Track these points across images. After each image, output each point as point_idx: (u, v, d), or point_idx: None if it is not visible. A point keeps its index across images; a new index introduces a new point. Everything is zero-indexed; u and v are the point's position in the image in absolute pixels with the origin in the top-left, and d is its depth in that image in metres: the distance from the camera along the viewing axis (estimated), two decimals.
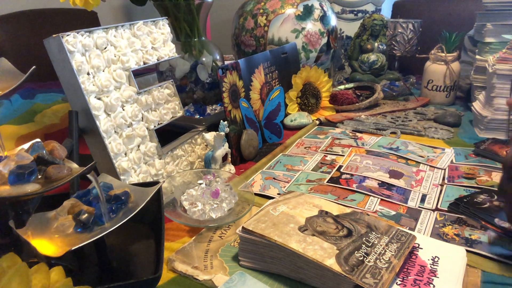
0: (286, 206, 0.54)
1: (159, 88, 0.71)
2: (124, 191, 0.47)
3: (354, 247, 0.47)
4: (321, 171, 0.75)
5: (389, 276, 0.43)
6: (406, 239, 0.49)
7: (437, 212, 0.61)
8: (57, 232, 0.43)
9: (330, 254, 0.45)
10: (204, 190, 0.62)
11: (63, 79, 0.58)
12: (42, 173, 0.41)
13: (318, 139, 0.91)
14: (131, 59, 0.65)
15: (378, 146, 0.85)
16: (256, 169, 0.77)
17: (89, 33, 0.59)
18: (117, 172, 0.61)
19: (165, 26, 0.74)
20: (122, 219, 0.43)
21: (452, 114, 0.99)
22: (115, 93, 0.62)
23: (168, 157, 0.71)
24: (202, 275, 0.48)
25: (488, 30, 1.02)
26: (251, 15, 1.13)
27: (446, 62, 1.09)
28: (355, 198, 0.65)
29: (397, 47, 1.36)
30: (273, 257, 0.48)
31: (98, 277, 0.48)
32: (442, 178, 0.71)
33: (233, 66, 0.83)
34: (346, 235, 0.49)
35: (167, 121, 0.71)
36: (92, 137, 0.61)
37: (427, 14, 1.61)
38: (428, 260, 0.47)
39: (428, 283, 0.43)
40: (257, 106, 0.91)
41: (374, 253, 0.46)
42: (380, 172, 0.73)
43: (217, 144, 0.72)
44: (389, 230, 0.50)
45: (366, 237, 0.49)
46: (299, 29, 1.10)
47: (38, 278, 0.38)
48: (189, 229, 0.59)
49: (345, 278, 0.42)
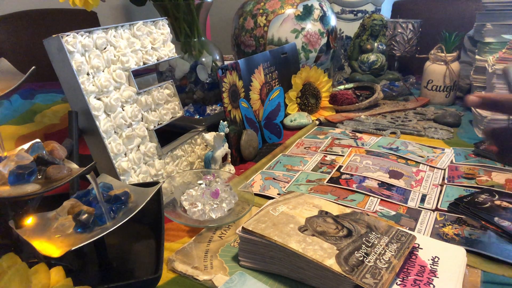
0: (286, 206, 0.54)
1: (159, 88, 0.71)
2: (124, 191, 0.47)
3: (354, 247, 0.47)
4: (321, 171, 0.75)
5: (389, 276, 0.43)
6: (406, 239, 0.49)
7: (437, 212, 0.61)
8: (57, 232, 0.43)
9: (330, 254, 0.45)
10: (204, 191, 0.62)
11: (62, 80, 0.58)
12: (42, 173, 0.41)
13: (318, 139, 0.91)
14: (131, 59, 0.65)
15: (378, 146, 0.85)
16: (256, 169, 0.77)
17: (89, 33, 0.59)
18: (117, 172, 0.61)
19: (164, 26, 0.74)
20: (122, 219, 0.43)
21: (452, 114, 0.99)
22: (114, 94, 0.62)
23: (168, 158, 0.71)
24: (202, 275, 0.48)
25: (488, 30, 1.02)
26: (250, 15, 1.13)
27: (445, 62, 1.09)
28: (355, 198, 0.65)
29: (397, 47, 1.36)
30: (273, 257, 0.48)
31: (98, 277, 0.48)
32: (442, 178, 0.71)
33: (233, 66, 0.83)
34: (346, 235, 0.49)
35: (167, 122, 0.71)
36: (92, 137, 0.61)
37: (427, 14, 1.61)
38: (428, 260, 0.47)
39: (428, 283, 0.43)
40: (257, 106, 0.91)
41: (374, 253, 0.46)
42: (380, 172, 0.73)
43: (217, 145, 0.72)
44: (389, 230, 0.50)
45: (366, 237, 0.49)
46: (299, 29, 1.10)
47: (38, 278, 0.38)
48: (189, 229, 0.59)
49: (345, 278, 0.42)
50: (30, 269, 0.38)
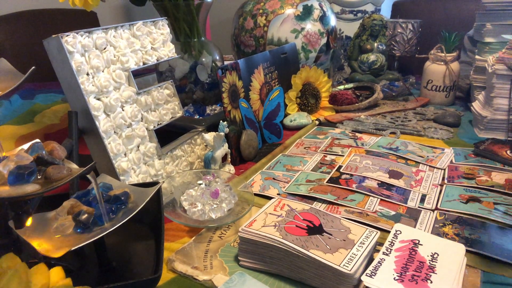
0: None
1: (159, 88, 0.71)
2: (123, 191, 0.47)
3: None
4: (321, 171, 0.75)
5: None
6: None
7: (437, 211, 0.61)
8: (56, 233, 0.43)
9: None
10: (204, 191, 0.62)
11: (62, 80, 0.58)
12: (42, 173, 0.41)
13: (317, 139, 0.91)
14: (131, 60, 0.65)
15: (377, 146, 0.85)
16: (256, 169, 0.77)
17: (89, 34, 0.59)
18: (117, 172, 0.61)
19: (164, 26, 0.74)
20: (122, 220, 0.43)
21: (452, 114, 0.99)
22: (114, 94, 0.62)
23: (167, 158, 0.71)
24: (202, 275, 0.48)
25: (488, 30, 1.02)
26: (250, 15, 1.13)
27: (445, 62, 1.09)
28: (355, 198, 0.65)
29: (397, 47, 1.36)
30: (273, 257, 0.48)
31: (98, 277, 0.48)
32: (441, 178, 0.71)
33: (233, 66, 0.83)
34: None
35: (167, 122, 0.71)
36: (92, 137, 0.61)
37: (427, 14, 1.61)
38: (428, 256, 0.47)
39: (426, 279, 0.43)
40: (257, 106, 0.91)
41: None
42: (379, 172, 0.73)
43: (217, 145, 0.72)
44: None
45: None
46: (299, 29, 1.10)
47: (38, 278, 0.38)
48: (189, 230, 0.59)
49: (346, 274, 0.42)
50: (30, 269, 0.38)
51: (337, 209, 0.62)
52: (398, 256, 0.46)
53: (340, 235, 0.49)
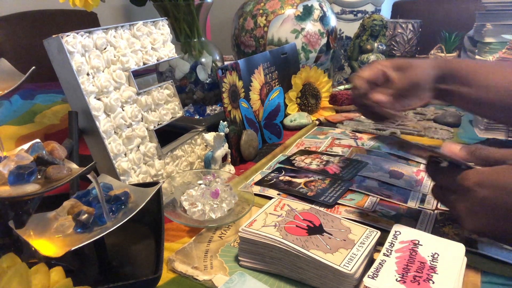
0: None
1: (159, 88, 0.71)
2: (124, 191, 0.47)
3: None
4: None
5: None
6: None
7: (437, 212, 0.61)
8: (57, 233, 0.43)
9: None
10: (204, 191, 0.62)
11: (62, 80, 0.58)
12: (42, 173, 0.41)
13: (318, 140, 0.91)
14: (131, 60, 0.65)
15: (378, 146, 0.85)
16: (256, 169, 0.77)
17: (89, 34, 0.60)
18: (117, 172, 0.61)
19: (164, 26, 0.74)
20: (122, 220, 0.43)
21: (452, 114, 0.99)
22: (114, 94, 0.62)
23: (168, 158, 0.71)
24: (202, 275, 0.48)
25: (488, 30, 1.02)
26: (250, 15, 1.13)
27: None
28: (354, 197, 0.65)
29: (397, 47, 1.36)
30: (273, 257, 0.48)
31: (98, 277, 0.48)
32: None
33: (233, 66, 0.83)
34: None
35: (167, 122, 0.71)
36: (92, 137, 0.61)
37: (427, 14, 1.62)
38: (428, 256, 0.47)
39: (428, 279, 0.43)
40: (257, 106, 0.91)
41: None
42: (380, 172, 0.73)
43: (217, 145, 0.72)
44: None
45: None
46: (299, 30, 1.10)
47: (38, 279, 0.38)
48: (189, 230, 0.59)
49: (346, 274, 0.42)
50: (30, 269, 0.38)
51: (337, 209, 0.62)
52: (398, 257, 0.46)
53: (340, 235, 0.49)
